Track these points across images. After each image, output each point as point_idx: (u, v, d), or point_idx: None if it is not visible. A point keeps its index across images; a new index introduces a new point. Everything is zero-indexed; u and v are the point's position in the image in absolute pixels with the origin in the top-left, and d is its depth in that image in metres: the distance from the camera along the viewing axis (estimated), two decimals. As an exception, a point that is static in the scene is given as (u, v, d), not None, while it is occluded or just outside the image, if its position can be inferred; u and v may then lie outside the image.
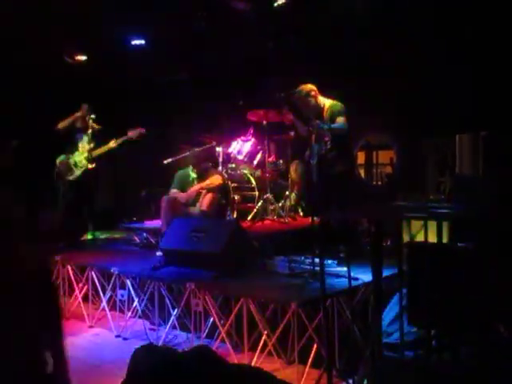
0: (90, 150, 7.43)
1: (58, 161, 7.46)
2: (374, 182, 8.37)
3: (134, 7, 6.48)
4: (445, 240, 4.53)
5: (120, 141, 7.41)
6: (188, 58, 7.98)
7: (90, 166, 7.44)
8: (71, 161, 7.47)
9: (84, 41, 7.39)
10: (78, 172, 7.43)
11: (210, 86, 8.18)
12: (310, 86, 5.95)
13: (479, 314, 3.72)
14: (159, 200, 6.46)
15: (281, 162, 7.46)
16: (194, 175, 6.74)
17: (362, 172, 8.46)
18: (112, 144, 7.40)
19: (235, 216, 6.82)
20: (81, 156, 7.47)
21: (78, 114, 7.50)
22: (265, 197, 6.95)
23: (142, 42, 7.51)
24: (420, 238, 4.66)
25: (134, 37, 7.44)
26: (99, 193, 8.03)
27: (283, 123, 6.97)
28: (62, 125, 7.50)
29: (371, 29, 6.74)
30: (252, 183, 7.21)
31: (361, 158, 8.40)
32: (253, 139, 7.34)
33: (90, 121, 7.39)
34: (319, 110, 5.94)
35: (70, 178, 7.42)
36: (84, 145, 7.50)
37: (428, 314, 4.14)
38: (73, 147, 7.55)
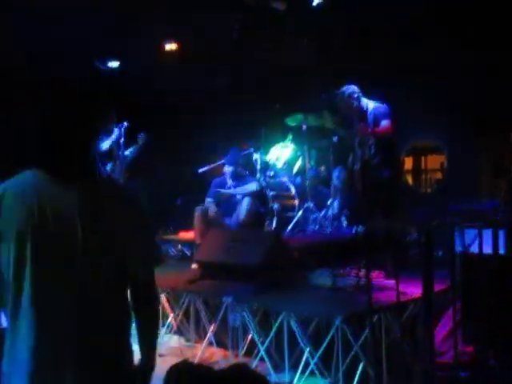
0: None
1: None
2: (423, 189, 8.04)
3: (169, 10, 6.31)
4: (501, 250, 4.26)
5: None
6: (225, 62, 7.80)
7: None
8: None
9: (117, 47, 7.27)
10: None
11: (247, 91, 7.97)
12: (352, 87, 5.68)
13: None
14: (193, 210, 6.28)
15: (322, 168, 7.15)
16: (230, 182, 6.54)
17: (409, 178, 8.13)
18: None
19: (274, 226, 6.55)
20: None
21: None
22: (305, 205, 6.64)
23: (174, 46, 7.31)
24: (475, 248, 4.42)
25: (167, 42, 7.26)
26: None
27: (324, 128, 6.70)
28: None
29: (414, 26, 6.43)
30: (292, 191, 6.90)
31: (408, 163, 8.07)
32: (292, 145, 7.06)
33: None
34: (362, 112, 5.66)
35: None
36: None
37: (485, 330, 3.90)
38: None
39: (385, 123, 5.49)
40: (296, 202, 6.82)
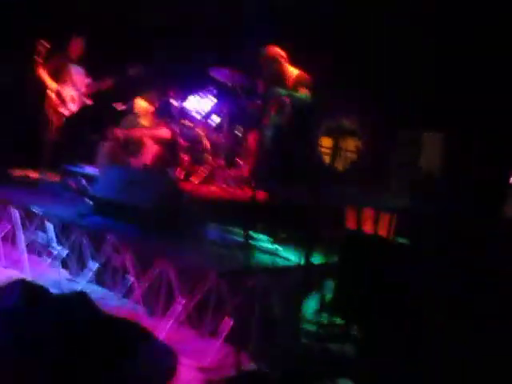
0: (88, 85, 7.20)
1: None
2: (336, 168, 8.04)
3: None
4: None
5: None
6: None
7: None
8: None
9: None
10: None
11: (180, 33, 7.66)
12: (276, 50, 5.57)
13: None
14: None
15: (240, 128, 7.06)
16: (143, 123, 6.39)
17: (326, 157, 8.11)
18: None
19: (182, 177, 6.46)
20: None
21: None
22: (217, 162, 6.59)
23: None
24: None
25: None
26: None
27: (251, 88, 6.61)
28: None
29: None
30: (205, 145, 6.85)
31: (326, 142, 8.03)
32: (215, 100, 6.92)
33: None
34: (283, 78, 5.59)
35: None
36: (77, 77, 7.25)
37: (354, 306, 4.02)
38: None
39: (303, 92, 5.45)
40: (208, 157, 6.78)
